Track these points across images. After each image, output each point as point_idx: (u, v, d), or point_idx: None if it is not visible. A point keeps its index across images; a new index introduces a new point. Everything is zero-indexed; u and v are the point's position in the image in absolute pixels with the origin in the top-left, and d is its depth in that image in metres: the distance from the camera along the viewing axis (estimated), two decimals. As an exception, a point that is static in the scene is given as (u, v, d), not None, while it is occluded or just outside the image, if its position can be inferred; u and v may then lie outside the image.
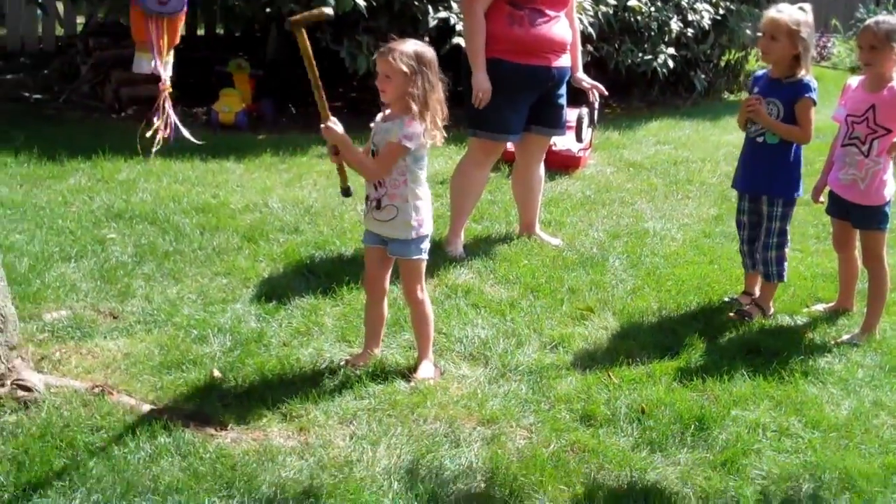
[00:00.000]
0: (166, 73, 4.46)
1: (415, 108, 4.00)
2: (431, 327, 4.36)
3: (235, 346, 4.41)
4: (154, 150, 4.43)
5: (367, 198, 4.18)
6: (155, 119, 4.45)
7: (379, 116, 4.24)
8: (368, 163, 4.12)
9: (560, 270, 5.56)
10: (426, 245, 4.23)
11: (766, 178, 4.99)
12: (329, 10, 4.16)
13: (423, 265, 4.26)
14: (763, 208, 5.02)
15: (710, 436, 3.86)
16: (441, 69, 4.14)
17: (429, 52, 4.10)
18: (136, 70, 4.53)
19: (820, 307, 5.23)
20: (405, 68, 3.97)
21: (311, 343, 4.48)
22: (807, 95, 4.83)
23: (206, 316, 4.72)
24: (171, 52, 4.55)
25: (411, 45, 4.07)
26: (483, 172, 5.97)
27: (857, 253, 5.11)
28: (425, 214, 4.16)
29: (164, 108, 4.46)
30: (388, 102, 4.12)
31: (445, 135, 4.17)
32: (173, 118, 4.45)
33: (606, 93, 6.11)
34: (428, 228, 4.19)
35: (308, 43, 4.12)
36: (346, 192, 4.34)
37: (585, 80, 6.02)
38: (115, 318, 4.70)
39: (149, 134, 4.40)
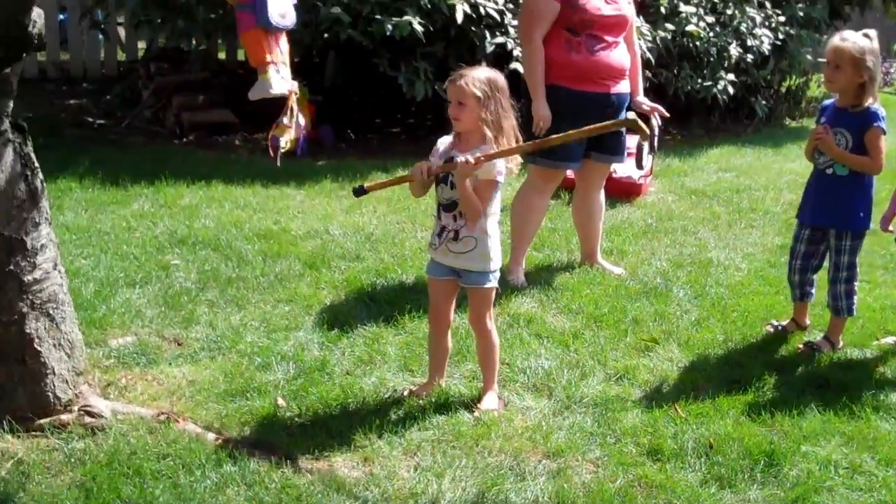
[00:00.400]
0: (291, 84, 4.49)
1: (489, 133, 3.97)
2: (497, 358, 4.32)
3: (299, 375, 4.40)
4: (283, 150, 4.46)
5: (443, 230, 4.13)
6: (284, 120, 4.47)
7: (444, 142, 4.19)
8: (477, 203, 4.00)
9: (623, 300, 5.50)
10: (498, 274, 4.20)
11: (835, 210, 4.90)
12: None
13: (492, 295, 4.23)
14: (831, 241, 4.94)
15: (781, 472, 3.78)
16: None
17: (500, 77, 4.07)
18: (258, 96, 4.50)
19: (890, 340, 5.12)
20: (478, 93, 3.94)
21: (374, 372, 4.47)
22: (875, 124, 4.74)
23: (269, 343, 4.72)
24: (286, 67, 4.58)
25: (483, 71, 4.05)
26: (543, 200, 5.94)
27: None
28: (499, 245, 4.15)
29: (293, 111, 4.48)
30: (461, 131, 4.07)
31: (521, 162, 4.13)
32: (302, 125, 4.45)
33: (668, 115, 6.06)
34: (500, 260, 4.18)
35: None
36: (360, 191, 4.21)
37: (646, 103, 5.98)
38: (179, 344, 4.72)
39: (281, 139, 4.41)
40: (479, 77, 3.99)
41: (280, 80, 4.47)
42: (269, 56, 4.43)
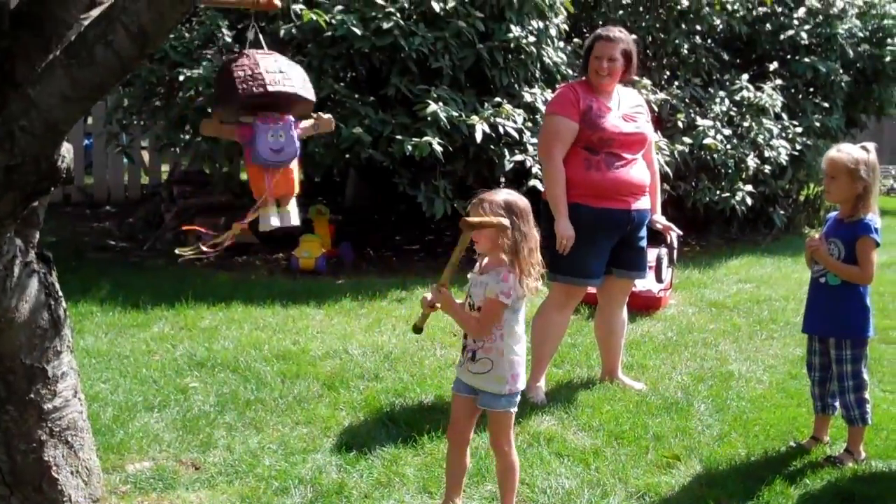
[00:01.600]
0: (290, 221, 4.61)
1: (505, 259, 3.99)
2: (516, 480, 4.25)
3: (317, 498, 4.36)
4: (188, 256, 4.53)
5: (464, 348, 4.13)
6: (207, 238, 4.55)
7: (476, 267, 4.21)
8: (473, 322, 4.06)
9: (644, 416, 5.46)
10: (518, 398, 4.16)
11: (830, 319, 4.92)
12: (505, 221, 3.97)
13: (512, 418, 4.19)
14: (832, 352, 4.93)
15: (808, 592, 3.71)
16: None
17: (521, 201, 4.06)
18: (264, 228, 4.63)
19: (915, 452, 5.06)
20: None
21: (392, 495, 4.42)
22: (867, 235, 4.76)
23: (287, 466, 4.69)
24: (293, 201, 4.66)
25: (502, 195, 4.06)
26: (564, 317, 5.93)
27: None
28: (520, 369, 4.10)
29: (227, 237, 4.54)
30: (482, 252, 4.10)
31: (541, 284, 4.14)
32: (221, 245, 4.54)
33: (681, 233, 6.09)
34: (522, 384, 4.12)
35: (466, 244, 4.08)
36: (418, 330, 4.29)
37: (660, 222, 6.01)
38: (196, 468, 4.70)
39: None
40: (496, 201, 4.00)
41: (273, 215, 4.61)
42: (265, 192, 4.56)
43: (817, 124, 11.81)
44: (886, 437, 5.19)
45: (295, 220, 4.70)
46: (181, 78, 8.88)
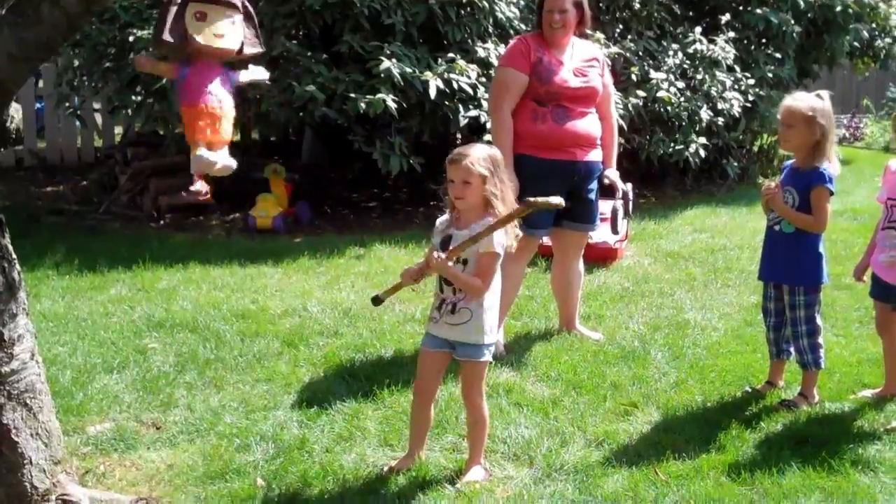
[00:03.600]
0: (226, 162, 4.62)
1: (500, 208, 4.02)
2: (486, 432, 4.29)
3: (278, 454, 4.39)
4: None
5: (443, 302, 4.14)
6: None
7: (442, 222, 4.23)
8: (476, 283, 4.07)
9: (602, 365, 5.52)
10: (493, 349, 4.22)
11: (785, 267, 4.99)
12: (555, 201, 4.01)
13: (485, 369, 4.24)
14: (786, 298, 5.01)
15: (763, 532, 3.79)
16: None
17: (497, 153, 4.16)
18: (202, 170, 4.72)
19: (867, 393, 5.14)
20: (484, 171, 4.00)
21: (353, 448, 4.46)
22: (821, 184, 4.82)
23: (248, 424, 4.71)
24: (225, 149, 4.70)
25: (482, 149, 4.11)
26: (518, 268, 5.94)
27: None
28: (497, 320, 4.17)
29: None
30: (464, 209, 4.10)
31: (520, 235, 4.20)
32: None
33: (627, 190, 6.10)
34: (497, 334, 4.18)
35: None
36: (378, 301, 4.36)
37: (609, 177, 5.97)
38: (158, 428, 4.71)
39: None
40: (481, 155, 4.05)
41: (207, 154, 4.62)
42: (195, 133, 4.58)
43: (770, 75, 11.86)
44: (839, 380, 5.29)
45: (228, 161, 4.70)
46: (131, 39, 8.78)
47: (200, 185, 4.92)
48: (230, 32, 4.62)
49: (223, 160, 4.69)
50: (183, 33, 4.48)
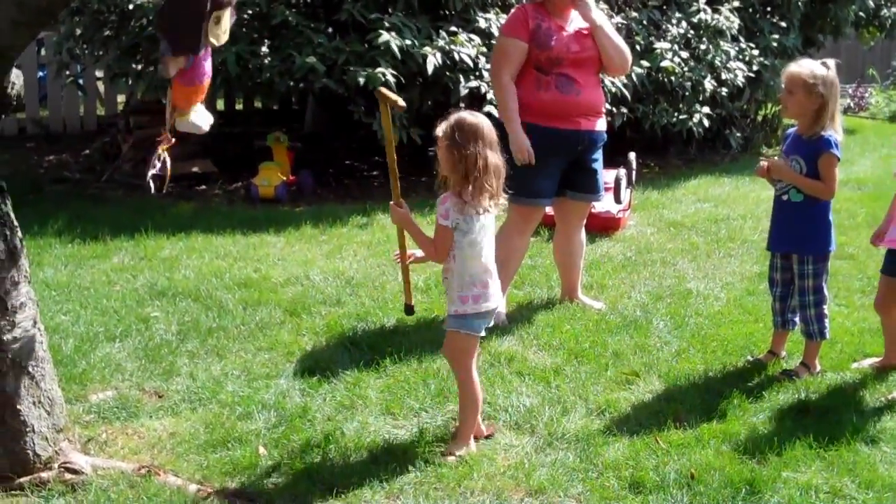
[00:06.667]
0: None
1: (456, 178, 3.99)
2: (475, 412, 4.22)
3: (280, 423, 4.40)
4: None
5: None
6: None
7: None
8: (428, 244, 4.11)
9: (604, 335, 5.52)
10: (476, 324, 4.16)
11: (794, 236, 4.98)
12: (402, 102, 4.13)
13: (465, 343, 4.18)
14: (794, 267, 4.99)
15: (762, 499, 3.80)
16: None
17: (470, 118, 4.03)
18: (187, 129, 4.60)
19: (868, 363, 5.15)
20: (446, 140, 3.98)
21: (355, 417, 4.47)
22: (828, 151, 4.80)
23: (250, 392, 4.72)
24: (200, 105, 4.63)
25: (454, 116, 4.04)
26: (523, 238, 5.94)
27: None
28: (473, 291, 4.09)
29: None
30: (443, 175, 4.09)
31: (501, 201, 4.14)
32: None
33: (631, 162, 6.08)
34: (474, 307, 4.10)
35: (390, 123, 4.12)
36: (409, 310, 4.49)
37: None
38: (160, 397, 4.72)
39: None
40: (448, 123, 4.02)
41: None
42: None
43: (774, 44, 11.81)
44: (840, 349, 5.29)
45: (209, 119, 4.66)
46: (131, 6, 8.74)
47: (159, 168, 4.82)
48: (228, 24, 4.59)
49: (206, 121, 4.64)
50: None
